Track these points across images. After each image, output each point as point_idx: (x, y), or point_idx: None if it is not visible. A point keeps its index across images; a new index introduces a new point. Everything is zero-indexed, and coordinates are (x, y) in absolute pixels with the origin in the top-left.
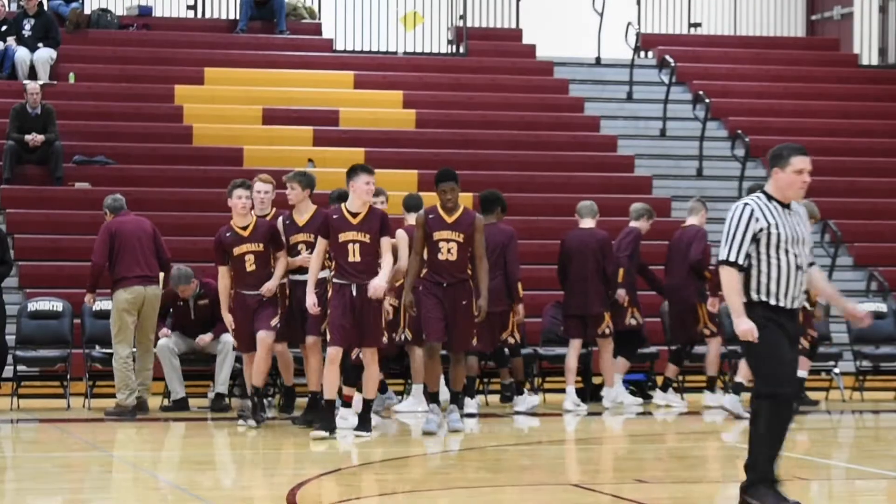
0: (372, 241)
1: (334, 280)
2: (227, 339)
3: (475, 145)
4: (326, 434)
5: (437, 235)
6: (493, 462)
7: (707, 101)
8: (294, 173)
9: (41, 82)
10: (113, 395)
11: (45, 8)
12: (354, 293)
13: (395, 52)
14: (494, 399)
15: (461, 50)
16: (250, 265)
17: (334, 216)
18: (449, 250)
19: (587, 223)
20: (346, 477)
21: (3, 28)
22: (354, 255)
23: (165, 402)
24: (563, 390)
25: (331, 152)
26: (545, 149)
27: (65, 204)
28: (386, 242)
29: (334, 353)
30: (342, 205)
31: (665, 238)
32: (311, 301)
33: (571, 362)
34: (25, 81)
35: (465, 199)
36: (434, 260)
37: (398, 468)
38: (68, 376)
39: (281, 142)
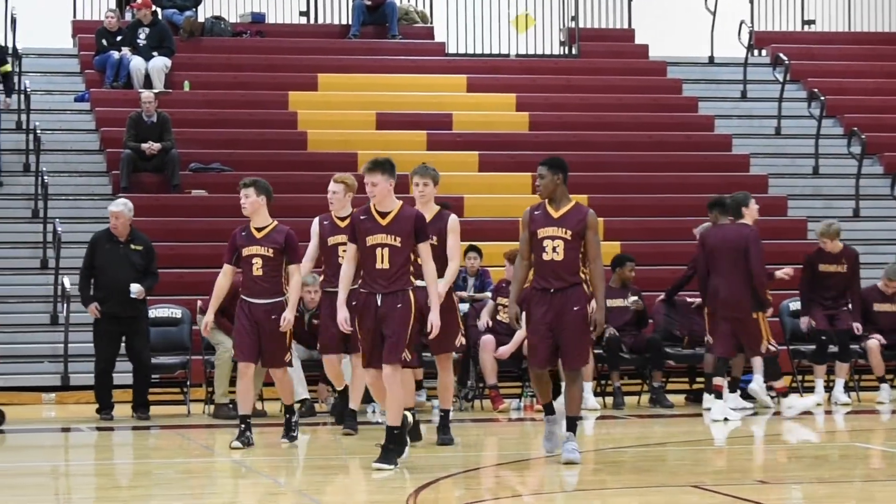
0: (403, 246)
1: (360, 289)
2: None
3: (589, 147)
4: (390, 467)
5: (541, 233)
6: (612, 464)
7: (822, 98)
8: (425, 167)
9: (156, 91)
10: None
11: (160, 17)
12: (380, 304)
13: (508, 55)
14: (609, 400)
15: (573, 51)
16: (257, 270)
17: (362, 217)
18: (554, 249)
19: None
20: (464, 480)
21: (119, 38)
22: (383, 262)
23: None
24: (683, 391)
25: (444, 156)
26: (659, 149)
27: (182, 211)
28: (425, 248)
29: (372, 378)
30: (371, 204)
31: (782, 237)
32: (342, 317)
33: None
34: (140, 90)
35: (580, 200)
36: (539, 261)
37: (518, 471)
38: (188, 382)
39: (395, 146)
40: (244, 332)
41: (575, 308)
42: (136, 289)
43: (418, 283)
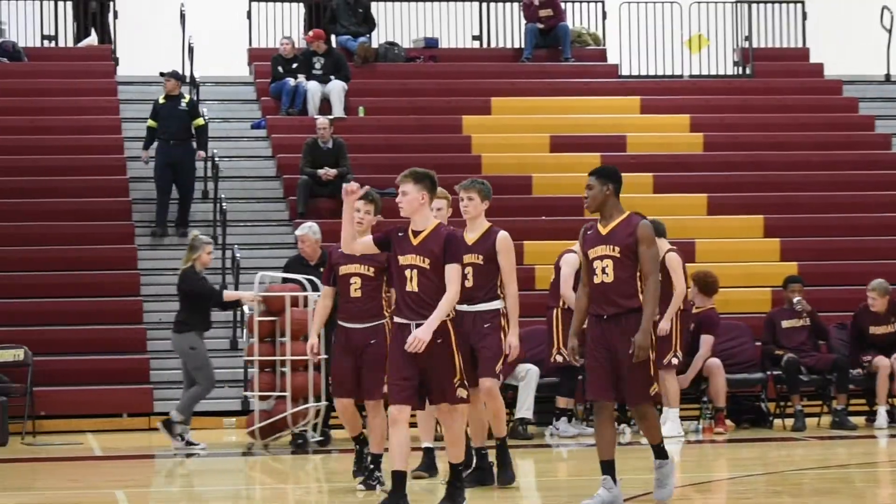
0: (433, 268)
1: (394, 318)
2: (531, 367)
3: (764, 167)
4: None
5: (591, 254)
6: (793, 486)
7: None
8: (472, 181)
9: (332, 116)
10: None
11: (334, 45)
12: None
13: (681, 76)
14: (789, 422)
15: (748, 71)
16: (355, 290)
17: (399, 234)
18: (604, 270)
19: None
20: (642, 502)
21: (294, 65)
22: (412, 284)
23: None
24: (860, 413)
25: None
26: (836, 168)
27: None
28: (451, 271)
29: (396, 412)
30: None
31: None
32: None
33: None
34: (316, 116)
35: (756, 221)
36: (591, 285)
37: (697, 493)
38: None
39: (569, 169)
40: (340, 365)
41: (632, 338)
42: None
43: (488, 305)
